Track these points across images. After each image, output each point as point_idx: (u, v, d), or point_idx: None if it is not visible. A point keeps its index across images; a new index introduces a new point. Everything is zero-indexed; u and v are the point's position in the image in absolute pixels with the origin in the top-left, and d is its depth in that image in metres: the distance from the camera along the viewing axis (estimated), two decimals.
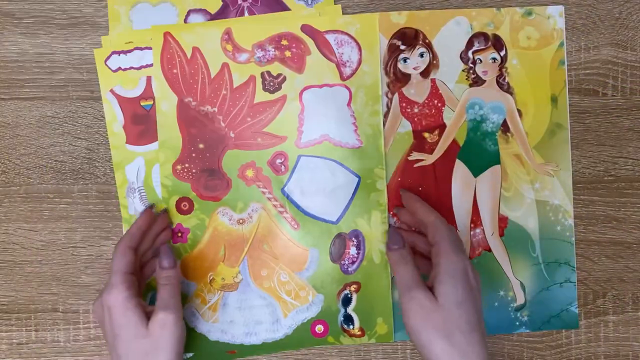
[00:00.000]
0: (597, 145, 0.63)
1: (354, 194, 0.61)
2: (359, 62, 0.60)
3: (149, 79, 0.59)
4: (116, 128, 0.59)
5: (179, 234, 0.60)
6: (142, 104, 0.59)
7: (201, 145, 0.60)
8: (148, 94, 0.59)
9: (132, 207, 0.60)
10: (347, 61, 0.60)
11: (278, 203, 0.60)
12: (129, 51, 0.59)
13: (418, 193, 0.61)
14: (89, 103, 0.60)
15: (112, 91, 0.59)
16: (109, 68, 0.59)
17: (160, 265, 0.56)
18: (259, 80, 0.60)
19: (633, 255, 0.63)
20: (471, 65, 0.62)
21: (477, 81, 0.62)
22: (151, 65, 0.59)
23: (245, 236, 0.60)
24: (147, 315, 0.53)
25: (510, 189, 0.62)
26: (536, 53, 0.62)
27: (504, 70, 0.62)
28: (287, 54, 0.60)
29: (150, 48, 0.59)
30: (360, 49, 0.60)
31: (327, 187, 0.60)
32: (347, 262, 0.61)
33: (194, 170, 0.60)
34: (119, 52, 0.59)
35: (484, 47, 0.61)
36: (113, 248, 0.60)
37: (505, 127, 0.62)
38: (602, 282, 0.63)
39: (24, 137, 0.60)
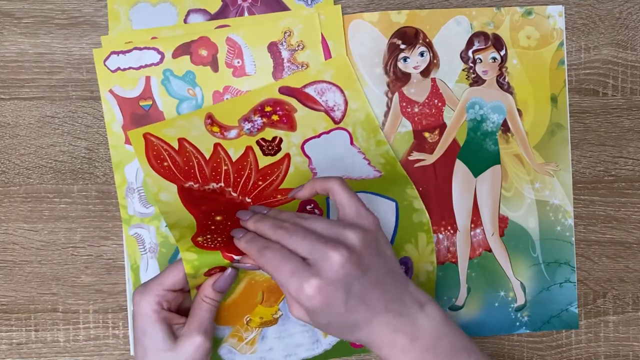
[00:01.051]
0: (598, 145, 0.63)
1: (396, 219, 0.59)
2: (346, 102, 0.60)
3: (147, 79, 0.59)
4: (115, 128, 0.59)
5: None
6: (141, 104, 0.59)
7: (218, 217, 0.56)
8: (147, 94, 0.59)
9: (132, 208, 0.59)
10: (334, 105, 0.60)
11: None
12: (128, 51, 0.59)
13: (418, 193, 0.61)
14: (89, 103, 0.60)
15: (111, 91, 0.59)
16: (108, 68, 0.59)
17: (214, 285, 0.52)
18: (256, 148, 0.59)
19: (633, 255, 0.63)
20: (471, 64, 0.61)
21: (477, 81, 0.62)
22: (150, 65, 0.59)
23: None
24: (173, 329, 0.52)
25: (510, 189, 0.62)
26: (536, 53, 0.62)
27: (504, 69, 0.61)
28: (275, 117, 0.60)
29: (150, 48, 0.59)
30: (342, 91, 0.60)
31: None
32: None
33: (219, 239, 0.53)
34: (117, 53, 0.59)
35: (484, 47, 0.61)
36: (114, 248, 0.60)
37: (505, 126, 0.62)
38: (602, 282, 0.63)
39: (24, 137, 0.60)
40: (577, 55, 0.62)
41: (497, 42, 0.61)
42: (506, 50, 0.61)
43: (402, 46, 0.61)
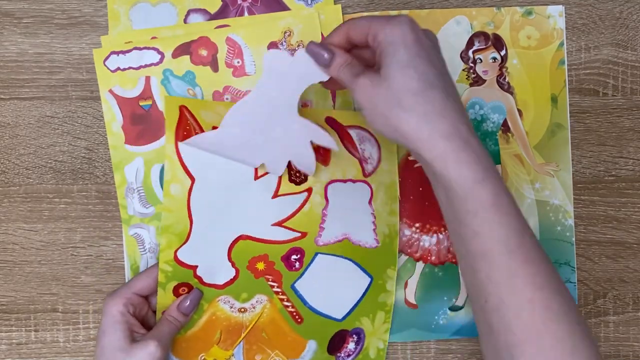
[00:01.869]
0: (598, 145, 0.63)
1: (363, 294, 0.59)
2: (379, 160, 0.60)
3: (147, 79, 0.59)
4: (115, 128, 0.59)
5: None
6: (141, 104, 0.59)
7: None
8: (147, 94, 0.59)
9: (132, 208, 0.59)
10: (369, 157, 0.59)
11: (285, 297, 0.58)
12: (128, 51, 0.59)
13: (418, 193, 0.61)
14: (89, 103, 0.60)
15: (111, 91, 0.59)
16: (108, 68, 0.59)
17: (179, 306, 0.55)
18: (285, 171, 0.56)
19: (633, 255, 0.63)
20: (471, 64, 0.61)
21: (477, 81, 0.62)
22: (150, 65, 0.59)
23: (245, 323, 0.58)
24: (132, 335, 0.53)
25: (510, 189, 0.62)
26: (536, 53, 0.61)
27: (504, 69, 0.61)
28: (313, 144, 0.56)
29: (149, 48, 0.59)
30: (379, 147, 0.60)
31: (338, 286, 0.59)
32: (343, 355, 0.60)
33: None
34: (117, 53, 0.59)
35: (484, 47, 0.61)
36: (114, 248, 0.60)
37: (505, 127, 0.62)
38: (602, 282, 0.63)
39: (24, 137, 0.60)
40: (577, 55, 0.62)
41: (497, 42, 0.61)
42: (506, 50, 0.61)
43: None
